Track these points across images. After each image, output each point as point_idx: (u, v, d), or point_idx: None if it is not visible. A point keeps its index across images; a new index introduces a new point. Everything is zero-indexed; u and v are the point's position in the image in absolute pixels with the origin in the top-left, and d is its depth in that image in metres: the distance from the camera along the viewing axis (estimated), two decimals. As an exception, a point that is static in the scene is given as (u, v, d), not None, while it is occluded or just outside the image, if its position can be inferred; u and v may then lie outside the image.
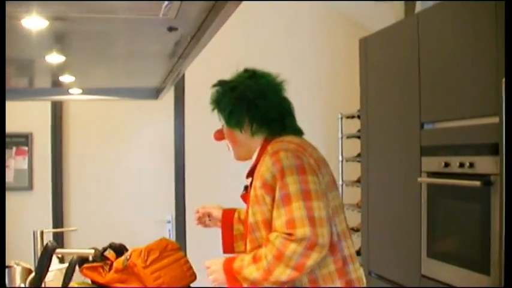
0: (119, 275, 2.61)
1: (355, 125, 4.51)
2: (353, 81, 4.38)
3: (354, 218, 4.50)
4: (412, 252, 3.30)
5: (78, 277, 2.63)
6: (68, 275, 1.88)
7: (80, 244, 4.66)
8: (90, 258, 2.69)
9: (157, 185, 5.12)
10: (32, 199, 4.89)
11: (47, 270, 1.79)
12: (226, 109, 2.29)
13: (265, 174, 2.11)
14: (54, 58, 1.97)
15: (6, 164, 4.86)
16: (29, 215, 4.82)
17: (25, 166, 4.91)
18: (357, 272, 2.22)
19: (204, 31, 1.60)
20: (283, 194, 2.06)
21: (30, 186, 4.91)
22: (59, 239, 4.79)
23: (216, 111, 2.36)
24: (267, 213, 2.14)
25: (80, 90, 2.92)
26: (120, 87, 3.01)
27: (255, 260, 2.11)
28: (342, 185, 4.66)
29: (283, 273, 2.03)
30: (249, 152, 2.33)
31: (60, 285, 2.64)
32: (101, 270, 2.75)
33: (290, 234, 2.01)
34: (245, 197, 2.40)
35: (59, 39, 1.69)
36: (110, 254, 2.79)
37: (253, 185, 2.21)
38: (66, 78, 2.53)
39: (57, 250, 2.69)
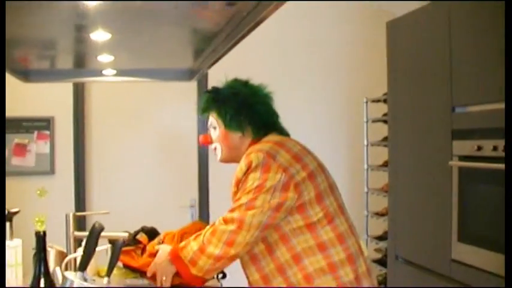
0: (152, 259, 2.60)
1: (380, 109, 4.48)
2: (377, 65, 4.34)
3: (380, 202, 4.49)
4: (442, 236, 3.28)
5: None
6: (114, 259, 1.86)
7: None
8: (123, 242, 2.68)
9: (181, 169, 5.10)
10: (53, 183, 4.87)
11: (94, 251, 1.77)
12: (228, 113, 2.45)
13: (238, 174, 2.31)
14: (99, 35, 1.94)
15: (28, 148, 4.86)
16: (51, 199, 4.78)
17: (47, 150, 4.90)
18: (352, 248, 2.32)
19: (263, 8, 1.56)
20: (241, 188, 2.29)
21: (52, 171, 4.90)
22: (81, 224, 4.78)
23: (206, 115, 2.56)
24: None
25: (114, 71, 2.89)
26: (154, 68, 2.97)
27: (196, 237, 2.35)
28: (367, 170, 4.63)
29: (216, 247, 2.25)
30: (240, 155, 2.44)
31: (92, 268, 2.63)
32: (134, 254, 2.74)
33: (225, 217, 2.28)
34: None
35: (109, 14, 1.66)
36: (142, 237, 2.78)
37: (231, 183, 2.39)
38: (104, 58, 2.50)
39: (80, 233, 2.70)
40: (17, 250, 2.20)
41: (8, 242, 2.23)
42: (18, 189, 4.80)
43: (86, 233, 2.67)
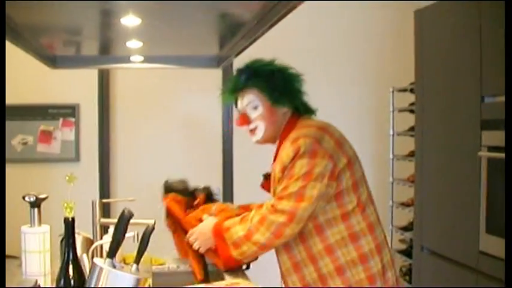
0: (197, 224, 2.58)
1: (406, 99, 4.43)
2: (404, 54, 4.30)
3: (406, 193, 4.44)
4: (469, 228, 3.24)
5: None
6: (143, 246, 1.85)
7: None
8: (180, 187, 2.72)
9: (205, 156, 5.09)
10: (79, 170, 4.88)
11: (123, 238, 1.76)
12: (278, 87, 2.39)
13: (285, 160, 2.26)
14: (130, 20, 1.92)
15: (53, 135, 4.88)
16: (76, 186, 4.80)
17: (72, 137, 4.92)
18: (379, 237, 2.34)
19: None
20: (288, 174, 2.25)
21: (77, 158, 4.93)
22: (106, 210, 4.79)
23: (234, 96, 2.49)
24: None
25: (142, 58, 2.87)
26: (182, 55, 2.95)
27: (242, 220, 2.36)
28: (393, 160, 4.59)
29: (263, 236, 2.25)
30: (279, 132, 2.43)
31: (118, 255, 2.62)
32: (183, 206, 2.69)
33: (274, 205, 2.25)
34: (266, 185, 2.54)
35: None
36: (199, 195, 2.72)
37: (273, 168, 2.37)
38: (133, 44, 2.48)
39: (106, 220, 2.69)
40: (45, 236, 2.20)
41: (36, 228, 2.24)
42: (44, 175, 4.84)
43: (113, 220, 2.68)
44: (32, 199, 2.27)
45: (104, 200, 2.79)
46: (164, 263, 2.88)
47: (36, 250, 2.22)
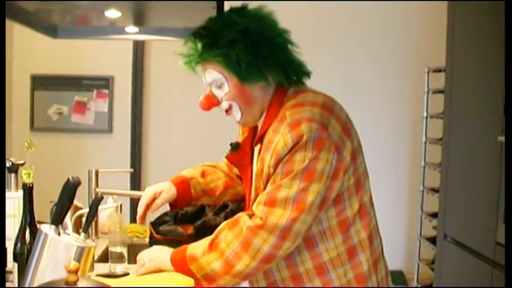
0: None
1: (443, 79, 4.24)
2: (442, 33, 4.11)
3: (437, 178, 4.26)
4: (488, 217, 3.07)
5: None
6: (91, 215, 1.80)
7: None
8: None
9: (236, 131, 5.04)
10: (111, 142, 4.96)
11: (69, 206, 1.72)
12: (243, 60, 1.78)
13: (281, 151, 1.72)
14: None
15: (87, 106, 4.94)
16: (108, 157, 4.88)
17: (105, 109, 4.97)
18: (377, 250, 1.92)
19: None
20: (283, 170, 1.73)
21: (110, 129, 4.98)
22: (136, 181, 4.83)
23: (191, 67, 1.93)
24: None
25: (136, 29, 2.81)
26: (177, 27, 2.86)
27: (213, 246, 1.77)
28: (425, 143, 4.40)
29: (247, 267, 1.73)
30: (262, 111, 1.89)
31: (115, 226, 2.60)
32: None
33: (262, 219, 1.71)
34: (233, 158, 2.08)
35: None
36: None
37: (261, 156, 1.81)
38: (114, 14, 2.43)
39: (103, 190, 2.67)
40: (20, 201, 2.20)
41: (12, 193, 2.25)
42: (76, 145, 4.91)
43: (108, 190, 2.69)
44: (9, 164, 2.26)
45: (101, 170, 2.77)
46: (142, 235, 2.85)
47: (11, 214, 2.24)
